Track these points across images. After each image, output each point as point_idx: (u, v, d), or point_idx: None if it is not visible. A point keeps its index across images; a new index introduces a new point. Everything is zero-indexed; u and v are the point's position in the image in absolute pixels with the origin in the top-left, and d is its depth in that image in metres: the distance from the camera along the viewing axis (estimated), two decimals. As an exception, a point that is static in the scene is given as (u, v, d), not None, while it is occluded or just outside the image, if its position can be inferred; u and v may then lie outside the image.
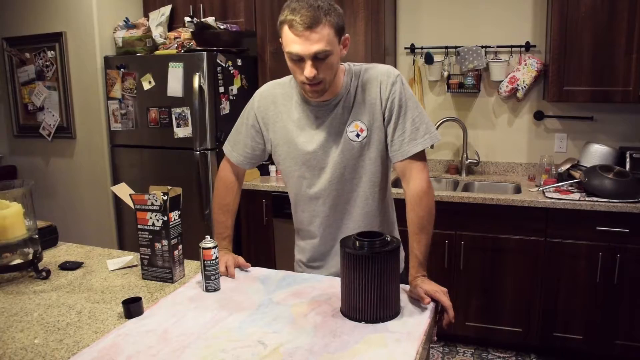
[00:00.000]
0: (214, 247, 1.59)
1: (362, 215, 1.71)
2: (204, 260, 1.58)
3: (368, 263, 1.35)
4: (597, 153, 3.08)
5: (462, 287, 3.06)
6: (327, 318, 1.41)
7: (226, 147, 1.84)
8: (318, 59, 1.46)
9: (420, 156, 1.61)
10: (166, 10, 3.70)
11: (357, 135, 1.62)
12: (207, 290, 1.60)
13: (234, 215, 1.88)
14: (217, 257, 1.59)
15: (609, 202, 2.72)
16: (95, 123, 3.64)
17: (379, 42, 3.27)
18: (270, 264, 3.35)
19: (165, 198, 1.64)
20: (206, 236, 1.62)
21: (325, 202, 1.70)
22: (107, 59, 3.52)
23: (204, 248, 1.58)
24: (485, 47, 3.38)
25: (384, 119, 1.62)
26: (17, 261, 1.75)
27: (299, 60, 1.48)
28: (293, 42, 1.45)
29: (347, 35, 1.55)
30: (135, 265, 1.86)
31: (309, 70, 1.47)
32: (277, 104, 1.71)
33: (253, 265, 1.80)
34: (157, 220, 1.67)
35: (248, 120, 1.77)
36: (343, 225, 1.73)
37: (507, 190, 3.35)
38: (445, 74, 3.52)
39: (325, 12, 1.44)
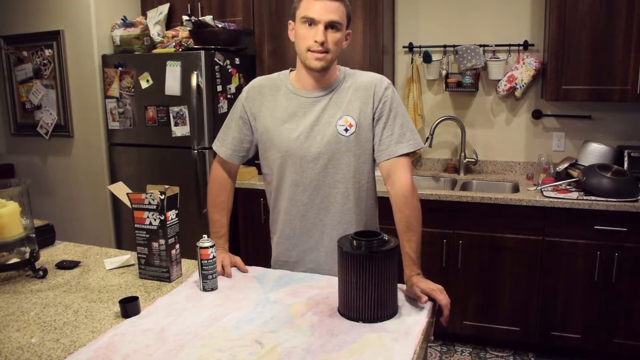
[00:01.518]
0: (212, 247, 1.58)
1: (341, 213, 1.73)
2: (201, 260, 1.58)
3: (366, 263, 1.34)
4: (595, 152, 3.08)
5: (460, 286, 3.06)
6: (325, 317, 1.41)
7: (215, 144, 1.87)
8: (330, 28, 1.59)
9: (405, 158, 1.67)
10: (164, 8, 3.69)
11: (346, 130, 1.67)
12: (205, 290, 1.60)
13: (229, 214, 1.90)
14: (214, 257, 1.59)
15: (607, 201, 2.72)
16: (92, 122, 3.63)
17: (377, 41, 3.27)
18: (268, 263, 3.34)
19: (162, 197, 1.64)
20: (203, 235, 1.62)
21: (305, 190, 1.72)
22: (104, 58, 3.52)
23: (201, 247, 1.58)
24: (484, 45, 3.38)
25: (373, 119, 1.68)
26: (14, 260, 1.74)
27: (312, 25, 1.58)
28: (312, 6, 1.58)
29: (350, 30, 1.68)
30: (133, 265, 1.85)
31: (320, 35, 1.58)
32: (264, 94, 1.76)
33: (250, 265, 1.81)
34: (155, 220, 1.67)
35: (236, 114, 1.81)
36: (320, 221, 1.75)
37: (505, 189, 3.35)
38: (444, 72, 3.51)
39: None
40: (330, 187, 1.71)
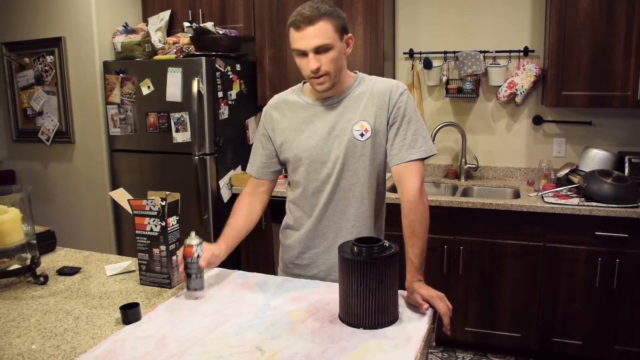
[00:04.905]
0: (197, 245, 1.57)
1: (356, 216, 1.75)
2: (185, 258, 1.57)
3: (366, 269, 1.34)
4: (596, 158, 3.08)
5: (460, 292, 3.06)
6: (325, 324, 1.41)
7: (248, 167, 1.91)
8: (319, 52, 1.59)
9: (416, 164, 1.67)
10: (165, 15, 3.70)
11: (362, 135, 1.69)
12: (189, 289, 1.59)
13: (243, 218, 1.82)
14: (198, 255, 1.57)
15: (608, 207, 2.72)
16: (94, 128, 3.64)
17: (377, 47, 3.28)
18: (269, 269, 3.34)
19: (163, 203, 1.64)
20: (191, 232, 1.61)
21: (324, 196, 1.74)
22: (106, 64, 3.53)
23: (187, 245, 1.57)
24: (484, 52, 3.39)
25: (388, 123, 1.70)
26: (15, 266, 1.74)
27: (303, 55, 1.61)
28: (296, 39, 1.60)
29: (350, 34, 1.68)
30: (134, 271, 1.85)
31: (312, 63, 1.59)
32: (280, 108, 1.81)
33: (252, 271, 1.81)
34: (155, 226, 1.67)
35: (259, 133, 1.87)
36: (335, 224, 1.77)
37: (506, 195, 3.35)
38: (444, 78, 3.52)
39: (325, 13, 1.59)
40: (346, 190, 1.73)
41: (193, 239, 1.58)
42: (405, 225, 1.64)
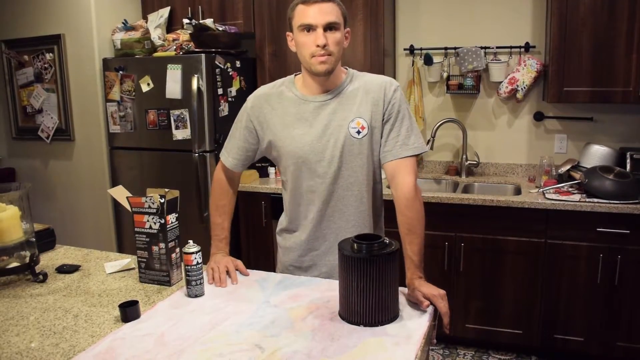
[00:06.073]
0: (196, 252, 1.57)
1: (355, 215, 1.74)
2: (185, 265, 1.57)
3: (366, 266, 1.34)
4: (597, 154, 3.07)
5: (462, 289, 3.05)
6: (325, 321, 1.40)
7: (223, 154, 1.88)
8: (328, 30, 1.59)
9: (409, 160, 1.67)
10: (165, 12, 3.69)
11: (358, 132, 1.67)
12: (189, 296, 1.58)
13: (230, 217, 1.90)
14: (198, 263, 1.57)
15: (610, 203, 2.71)
16: (93, 125, 3.63)
17: (378, 44, 3.27)
18: (269, 266, 3.33)
19: (162, 201, 1.63)
20: (189, 241, 1.61)
21: (320, 195, 1.72)
22: (105, 61, 3.52)
23: (185, 253, 1.57)
24: (485, 48, 3.37)
25: (382, 119, 1.68)
26: (14, 264, 1.74)
27: (311, 31, 1.59)
28: (306, 14, 1.59)
29: (348, 29, 1.69)
30: (133, 268, 1.84)
31: (321, 38, 1.58)
32: (271, 102, 1.75)
33: (252, 268, 1.80)
34: (155, 223, 1.66)
35: (241, 123, 1.81)
36: (334, 224, 1.75)
37: (507, 191, 3.34)
38: (445, 75, 3.51)
39: None
40: (345, 189, 1.71)
41: (191, 247, 1.58)
42: (402, 222, 1.62)
